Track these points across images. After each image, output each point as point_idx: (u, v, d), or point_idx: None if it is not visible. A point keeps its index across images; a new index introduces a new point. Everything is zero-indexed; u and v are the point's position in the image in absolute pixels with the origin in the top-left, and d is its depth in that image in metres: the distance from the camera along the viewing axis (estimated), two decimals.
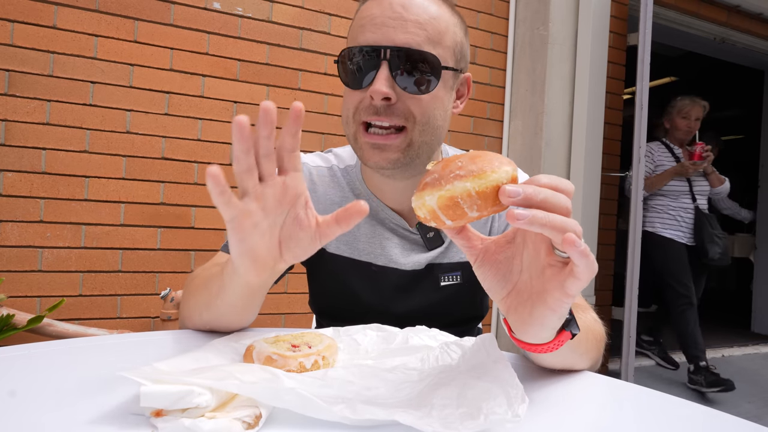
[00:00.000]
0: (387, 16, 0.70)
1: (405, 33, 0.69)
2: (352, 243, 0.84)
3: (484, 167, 0.42)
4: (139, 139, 1.98)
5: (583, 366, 0.63)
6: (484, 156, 0.44)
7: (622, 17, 2.93)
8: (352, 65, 0.72)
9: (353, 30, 0.75)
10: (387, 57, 0.69)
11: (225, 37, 2.11)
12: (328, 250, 0.85)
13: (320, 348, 0.55)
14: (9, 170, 1.81)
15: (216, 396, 0.40)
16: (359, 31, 0.72)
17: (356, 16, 0.76)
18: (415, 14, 0.70)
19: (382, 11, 0.70)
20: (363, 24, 0.72)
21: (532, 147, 2.63)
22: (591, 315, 0.69)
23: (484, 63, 2.69)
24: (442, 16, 0.72)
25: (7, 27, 1.80)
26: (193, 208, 2.07)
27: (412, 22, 0.70)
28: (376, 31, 0.70)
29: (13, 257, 1.81)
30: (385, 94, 0.68)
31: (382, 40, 0.69)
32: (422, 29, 0.70)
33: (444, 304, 0.84)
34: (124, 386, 0.47)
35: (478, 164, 0.43)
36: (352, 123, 0.74)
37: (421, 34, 0.70)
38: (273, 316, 2.21)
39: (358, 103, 0.72)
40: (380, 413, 0.41)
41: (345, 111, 0.76)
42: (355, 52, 0.70)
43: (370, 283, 0.84)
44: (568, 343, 0.51)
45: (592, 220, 2.65)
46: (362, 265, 0.84)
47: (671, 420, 0.49)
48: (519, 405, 0.42)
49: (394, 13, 0.70)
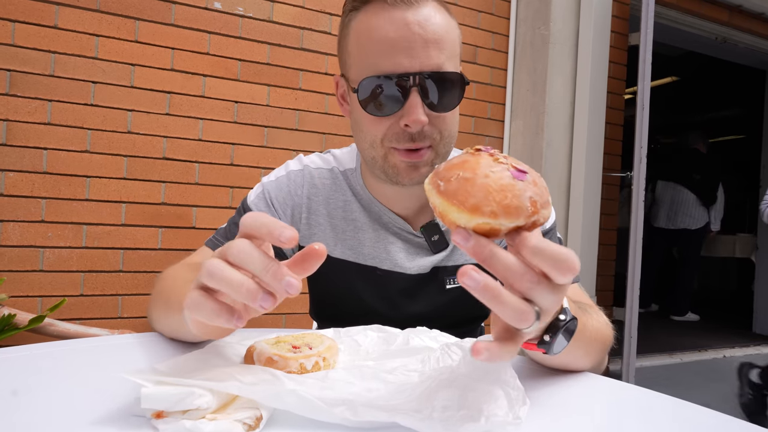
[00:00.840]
0: (408, 40, 0.67)
1: (428, 57, 0.68)
2: (356, 248, 0.83)
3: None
4: (140, 139, 1.98)
5: (585, 367, 0.62)
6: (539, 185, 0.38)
7: (624, 17, 2.93)
8: (378, 94, 0.69)
9: (366, 53, 0.70)
10: (417, 83, 0.67)
11: (226, 37, 2.11)
12: (333, 255, 0.84)
13: (321, 349, 0.55)
14: (10, 170, 1.81)
15: (217, 397, 0.40)
16: (378, 57, 0.68)
17: (364, 32, 0.70)
18: (433, 32, 0.68)
19: (401, 34, 0.67)
20: (383, 50, 0.68)
21: (533, 147, 2.63)
22: (603, 317, 0.68)
23: (485, 63, 2.69)
24: (449, 25, 0.71)
25: (8, 27, 1.80)
26: (194, 208, 2.07)
27: (432, 42, 0.68)
28: (401, 57, 0.67)
29: (15, 257, 1.82)
30: (424, 123, 0.68)
31: (409, 67, 0.67)
32: (443, 48, 0.69)
33: (449, 306, 0.84)
34: (124, 387, 0.47)
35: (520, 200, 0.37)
36: (380, 147, 0.72)
37: (442, 53, 0.69)
38: (273, 316, 2.21)
39: (386, 130, 0.71)
40: (381, 415, 0.40)
41: (369, 137, 0.73)
42: (382, 82, 0.68)
43: (376, 288, 0.83)
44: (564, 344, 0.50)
45: (593, 220, 2.65)
46: (367, 270, 0.83)
47: (672, 421, 0.49)
48: (520, 407, 0.42)
49: (413, 35, 0.67)
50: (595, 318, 0.64)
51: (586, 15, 2.61)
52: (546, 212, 0.38)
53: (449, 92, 0.70)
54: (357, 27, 0.71)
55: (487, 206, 0.36)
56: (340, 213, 0.84)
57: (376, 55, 0.69)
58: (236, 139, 2.13)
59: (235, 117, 2.13)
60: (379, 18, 0.69)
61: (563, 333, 0.48)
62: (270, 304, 0.39)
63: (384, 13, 0.68)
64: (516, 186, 0.36)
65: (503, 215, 0.36)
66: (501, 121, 2.74)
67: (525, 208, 0.36)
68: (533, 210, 0.36)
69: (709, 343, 3.80)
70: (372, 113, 0.70)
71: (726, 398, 2.68)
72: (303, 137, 2.26)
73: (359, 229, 0.83)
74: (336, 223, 0.84)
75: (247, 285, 0.39)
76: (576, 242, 2.55)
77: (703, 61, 4.40)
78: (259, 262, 0.40)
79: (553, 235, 0.84)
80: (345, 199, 0.84)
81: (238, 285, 0.39)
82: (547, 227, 0.82)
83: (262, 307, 0.39)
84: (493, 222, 0.36)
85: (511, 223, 0.36)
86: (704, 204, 4.41)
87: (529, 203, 0.36)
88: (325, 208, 0.84)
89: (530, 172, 0.39)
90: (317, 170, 0.86)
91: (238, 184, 2.14)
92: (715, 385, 2.93)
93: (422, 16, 0.68)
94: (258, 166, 2.17)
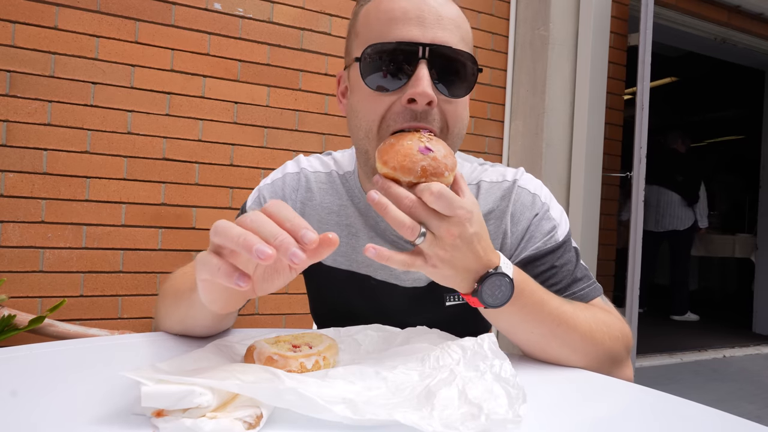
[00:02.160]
0: (422, 10, 0.63)
1: (443, 30, 0.63)
2: (350, 255, 0.80)
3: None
4: (140, 140, 1.98)
5: (572, 359, 0.63)
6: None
7: (623, 17, 2.93)
8: (382, 63, 0.62)
9: (375, 24, 0.65)
10: (426, 56, 0.61)
11: (226, 37, 2.11)
12: (326, 263, 0.81)
13: (321, 348, 0.55)
14: (10, 171, 1.81)
15: (217, 396, 0.40)
16: (388, 25, 0.63)
17: (371, 10, 0.66)
18: (448, 10, 0.64)
19: (415, 4, 0.63)
20: (393, 18, 0.63)
21: (532, 147, 2.63)
22: (603, 318, 0.68)
23: (485, 63, 2.69)
24: (461, 15, 0.67)
25: (9, 28, 1.80)
26: (194, 209, 2.07)
27: (447, 19, 0.64)
28: (411, 26, 0.62)
29: (15, 258, 1.82)
30: (431, 97, 0.61)
31: (420, 36, 0.61)
32: (457, 28, 0.64)
33: (449, 323, 0.72)
34: (125, 386, 0.47)
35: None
36: (375, 137, 0.65)
37: (456, 33, 0.64)
38: (274, 316, 2.21)
39: (386, 110, 0.64)
40: (381, 413, 0.41)
41: (366, 121, 0.66)
42: (389, 49, 0.62)
43: (371, 298, 0.80)
44: (518, 311, 0.61)
45: (593, 220, 2.65)
46: (362, 278, 0.79)
47: (672, 420, 0.49)
48: (520, 405, 0.42)
49: (428, 8, 0.63)
50: (580, 310, 0.65)
51: (585, 16, 2.62)
52: (440, 180, 0.55)
53: (461, 76, 0.65)
54: (368, 8, 0.68)
55: (391, 162, 0.55)
56: (334, 218, 0.81)
57: (386, 23, 0.64)
58: (236, 139, 2.14)
59: (234, 117, 2.13)
60: None
61: (491, 284, 0.58)
62: (267, 257, 0.40)
63: None
64: (416, 156, 0.55)
65: (399, 171, 0.55)
66: (501, 122, 2.74)
67: (415, 171, 0.54)
68: (421, 174, 0.54)
69: (709, 343, 3.80)
70: (373, 87, 0.63)
71: (726, 398, 2.69)
72: (303, 138, 2.26)
73: (354, 235, 0.79)
74: (329, 229, 0.79)
75: (245, 236, 0.42)
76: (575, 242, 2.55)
77: (702, 61, 4.40)
78: (266, 225, 0.43)
79: (567, 249, 0.76)
80: (341, 204, 0.81)
81: (236, 236, 0.42)
82: (560, 240, 0.75)
83: (259, 258, 0.40)
84: (393, 173, 0.55)
85: (405, 177, 0.54)
86: (688, 204, 4.45)
87: (419, 169, 0.54)
88: (317, 215, 0.81)
89: (437, 151, 0.56)
90: (314, 174, 0.83)
91: (237, 184, 2.14)
92: (715, 385, 2.93)
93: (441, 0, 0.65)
94: (258, 167, 2.18)
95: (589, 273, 0.77)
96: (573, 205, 2.59)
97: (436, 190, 0.52)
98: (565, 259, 0.75)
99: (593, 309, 0.69)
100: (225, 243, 0.43)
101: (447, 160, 0.56)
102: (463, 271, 0.57)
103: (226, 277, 0.43)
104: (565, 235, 0.76)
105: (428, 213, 0.53)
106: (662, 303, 4.95)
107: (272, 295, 2.17)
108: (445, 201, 0.52)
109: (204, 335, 0.68)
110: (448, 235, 0.54)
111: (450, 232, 0.54)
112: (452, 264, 0.56)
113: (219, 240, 0.43)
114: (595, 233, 2.66)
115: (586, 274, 0.76)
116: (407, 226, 0.52)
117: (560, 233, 0.75)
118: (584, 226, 2.58)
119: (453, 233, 0.54)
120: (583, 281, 0.74)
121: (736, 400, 2.69)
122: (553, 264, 0.73)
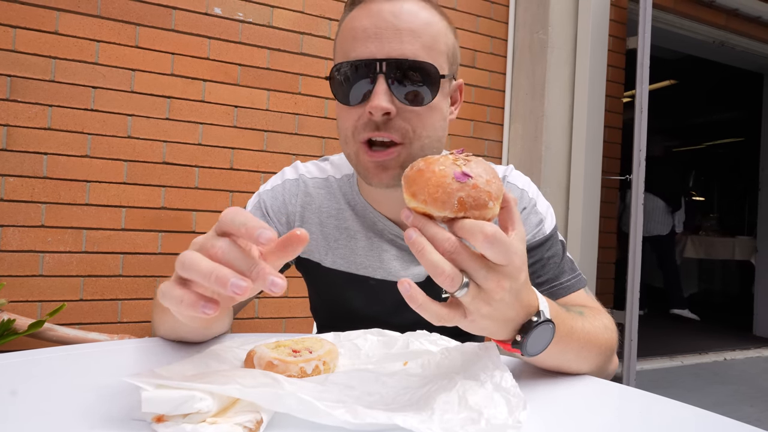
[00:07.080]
0: (379, 27, 0.66)
1: (400, 43, 0.66)
2: (348, 257, 0.81)
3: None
4: (140, 144, 1.98)
5: (582, 369, 0.62)
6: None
7: (622, 21, 2.94)
8: (346, 81, 0.68)
9: (342, 43, 0.71)
10: (383, 70, 0.65)
11: (226, 42, 2.11)
12: (324, 265, 0.82)
13: (321, 353, 0.55)
14: (10, 175, 1.81)
15: (217, 401, 0.40)
16: (351, 44, 0.68)
17: (342, 29, 0.72)
18: (407, 21, 0.67)
19: (373, 21, 0.67)
20: (354, 36, 0.68)
21: (532, 150, 2.64)
22: (602, 321, 0.67)
23: (484, 67, 2.70)
24: (433, 21, 0.69)
25: (9, 33, 1.80)
26: (194, 213, 2.07)
27: (405, 31, 0.66)
28: (369, 44, 0.66)
29: (14, 262, 1.82)
30: (385, 109, 0.65)
31: (376, 52, 0.66)
32: (417, 37, 0.67)
33: None
34: (125, 391, 0.47)
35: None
36: (352, 142, 0.71)
37: (416, 42, 0.67)
38: (274, 320, 2.21)
39: (356, 121, 0.69)
40: (381, 417, 0.41)
41: (343, 130, 0.71)
42: (349, 67, 0.67)
43: (370, 298, 0.82)
44: (553, 346, 0.53)
45: (593, 223, 2.65)
46: (360, 279, 0.81)
47: (673, 424, 0.49)
48: (520, 412, 0.42)
49: (385, 23, 0.66)
50: (590, 322, 0.63)
51: (584, 19, 2.63)
52: (483, 213, 0.44)
53: (421, 84, 0.67)
54: (342, 26, 0.73)
55: (421, 195, 0.44)
56: (332, 222, 0.83)
57: (349, 42, 0.69)
58: (236, 143, 2.14)
59: (234, 121, 2.14)
60: (360, 11, 0.70)
61: (536, 334, 0.50)
62: (241, 290, 0.38)
63: (365, 7, 0.69)
64: (450, 185, 0.43)
65: (431, 204, 0.44)
66: (500, 125, 2.75)
67: (451, 203, 0.43)
68: (459, 207, 0.43)
69: (710, 345, 3.80)
70: (342, 102, 0.70)
71: (726, 401, 2.68)
72: (302, 141, 2.26)
73: (352, 238, 0.82)
74: (328, 232, 0.83)
75: (217, 272, 0.39)
76: (575, 245, 2.55)
77: (700, 64, 4.41)
78: (238, 259, 0.41)
79: (554, 242, 0.79)
80: (338, 208, 0.83)
81: (207, 273, 0.39)
82: (548, 233, 0.78)
83: (234, 293, 0.38)
84: (424, 207, 0.44)
85: (439, 212, 0.44)
86: (672, 210, 4.57)
87: (456, 201, 0.43)
88: (317, 218, 0.83)
89: (476, 176, 0.44)
90: (312, 180, 0.85)
91: (237, 188, 2.14)
92: (716, 388, 2.93)
93: (399, 8, 0.68)
94: (257, 171, 2.18)
95: (574, 265, 0.80)
96: (572, 207, 2.59)
97: (491, 233, 0.42)
98: (552, 252, 0.78)
99: (595, 314, 0.69)
100: (194, 278, 0.41)
101: (491, 187, 0.45)
102: (503, 322, 0.48)
103: (191, 308, 0.40)
104: (552, 228, 0.80)
105: (475, 261, 0.43)
106: (661, 305, 4.94)
107: (272, 298, 2.17)
108: (500, 248, 0.42)
109: (200, 341, 0.68)
110: (498, 289, 0.44)
111: (501, 286, 0.44)
112: (493, 318, 0.47)
113: (187, 275, 0.41)
114: (594, 236, 2.66)
115: (571, 266, 0.80)
116: (447, 275, 0.42)
117: (547, 226, 0.79)
118: (584, 229, 2.58)
119: (504, 287, 0.44)
120: (568, 273, 0.78)
121: (736, 403, 2.68)
122: (541, 256, 0.77)
